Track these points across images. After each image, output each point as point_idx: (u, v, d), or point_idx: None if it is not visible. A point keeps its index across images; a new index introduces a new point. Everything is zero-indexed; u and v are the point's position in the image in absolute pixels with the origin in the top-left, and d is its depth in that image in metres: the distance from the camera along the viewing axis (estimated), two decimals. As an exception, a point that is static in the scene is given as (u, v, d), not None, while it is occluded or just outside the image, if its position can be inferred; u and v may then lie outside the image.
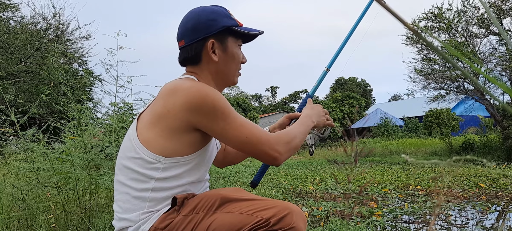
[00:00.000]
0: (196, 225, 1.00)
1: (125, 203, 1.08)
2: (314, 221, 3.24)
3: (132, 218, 1.06)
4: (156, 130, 1.05)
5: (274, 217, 0.95)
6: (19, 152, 2.87)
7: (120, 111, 2.85)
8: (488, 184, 5.13)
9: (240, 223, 0.96)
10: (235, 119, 1.04)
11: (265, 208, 0.97)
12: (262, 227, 0.95)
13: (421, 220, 3.18)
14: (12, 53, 11.01)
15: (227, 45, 1.17)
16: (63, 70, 2.54)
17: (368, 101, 39.79)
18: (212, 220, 0.99)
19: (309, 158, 16.22)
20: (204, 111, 1.01)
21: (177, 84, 1.06)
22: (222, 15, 1.16)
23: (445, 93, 13.70)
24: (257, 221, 0.95)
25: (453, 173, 5.66)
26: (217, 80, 1.20)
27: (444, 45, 0.38)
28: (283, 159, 1.07)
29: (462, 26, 12.21)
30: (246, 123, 1.06)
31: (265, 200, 1.01)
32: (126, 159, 1.09)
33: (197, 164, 1.11)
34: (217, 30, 1.13)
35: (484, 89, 0.57)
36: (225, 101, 1.06)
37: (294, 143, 1.11)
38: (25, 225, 2.36)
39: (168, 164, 1.05)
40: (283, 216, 0.95)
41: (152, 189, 1.05)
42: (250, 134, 1.04)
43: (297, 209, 1.00)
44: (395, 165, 10.10)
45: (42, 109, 10.90)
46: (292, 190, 5.37)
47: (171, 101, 1.04)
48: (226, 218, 0.98)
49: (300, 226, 0.98)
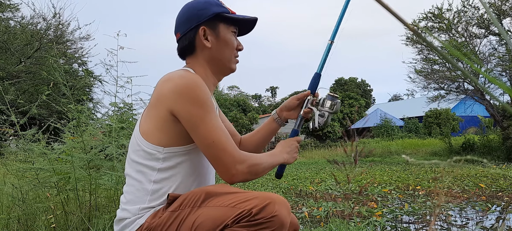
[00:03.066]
0: (182, 220, 1.02)
1: (130, 194, 1.12)
2: (314, 221, 3.24)
3: (132, 210, 1.09)
4: (152, 121, 1.11)
5: (256, 207, 0.96)
6: (19, 152, 2.87)
7: (120, 112, 2.85)
8: (488, 184, 5.13)
9: (223, 216, 0.97)
10: (212, 119, 1.06)
11: (247, 200, 0.98)
12: (244, 218, 0.96)
13: (421, 221, 3.18)
14: (12, 54, 11.01)
15: (219, 31, 1.20)
16: (62, 70, 2.54)
17: (368, 101, 39.79)
18: (198, 215, 1.00)
19: (309, 158, 16.22)
20: (186, 98, 1.04)
21: (170, 75, 1.12)
22: (213, 4, 1.20)
23: (445, 93, 13.70)
24: (239, 213, 0.96)
25: (453, 173, 5.66)
26: (213, 68, 1.23)
27: (444, 45, 0.38)
28: (239, 179, 1.06)
29: (462, 26, 12.21)
30: (220, 129, 1.06)
31: (247, 192, 1.02)
32: (132, 152, 1.14)
33: (197, 155, 1.13)
34: (207, 17, 1.18)
35: (484, 89, 0.57)
36: (210, 100, 1.08)
37: (258, 168, 1.12)
38: (25, 225, 2.36)
39: (167, 154, 1.09)
40: (265, 206, 0.96)
41: (154, 181, 1.09)
42: (218, 140, 1.05)
43: (279, 198, 1.00)
44: (395, 165, 10.10)
45: (42, 109, 10.90)
46: (292, 190, 5.37)
47: (161, 90, 1.09)
48: (211, 212, 0.99)
49: (283, 213, 0.98)
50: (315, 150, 20.13)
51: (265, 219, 0.95)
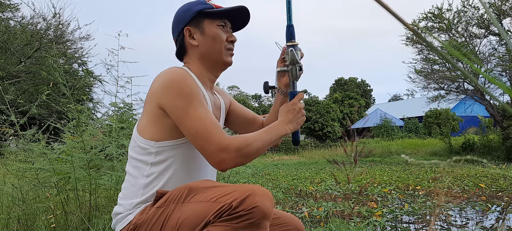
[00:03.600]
0: (167, 217, 1.03)
1: (125, 189, 1.16)
2: (314, 221, 3.24)
3: (125, 205, 1.13)
4: (145, 117, 1.15)
5: (236, 200, 0.95)
6: (19, 152, 2.87)
7: (120, 112, 2.85)
8: (488, 184, 5.13)
9: (206, 211, 0.97)
10: (196, 109, 1.06)
11: (227, 193, 0.98)
12: (225, 211, 0.95)
13: (421, 221, 3.18)
14: (12, 54, 11.01)
15: (204, 28, 1.22)
16: (62, 70, 2.54)
17: (368, 101, 39.79)
18: (181, 212, 1.01)
19: (309, 158, 16.22)
20: (171, 91, 1.07)
21: (161, 72, 1.15)
22: (196, 3, 1.23)
23: (445, 93, 13.70)
24: (220, 207, 0.96)
25: (453, 173, 5.66)
26: (206, 64, 1.24)
27: (444, 46, 0.38)
28: (229, 165, 1.03)
29: (462, 26, 12.21)
30: (205, 117, 1.06)
31: (229, 186, 1.01)
32: (130, 149, 1.19)
33: (189, 149, 1.14)
34: (190, 17, 1.21)
35: (484, 89, 0.57)
36: (195, 91, 1.09)
37: (248, 150, 1.06)
38: (25, 225, 2.36)
39: (159, 148, 1.12)
40: (245, 198, 0.95)
41: (147, 175, 1.12)
42: (202, 129, 1.04)
43: (260, 189, 0.99)
44: (395, 165, 10.10)
45: (42, 109, 10.90)
46: (292, 190, 5.37)
47: (152, 87, 1.14)
48: (194, 208, 1.00)
49: (265, 204, 0.96)
50: (315, 150, 20.14)
51: (246, 211, 0.94)
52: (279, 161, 14.60)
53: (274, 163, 13.02)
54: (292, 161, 14.34)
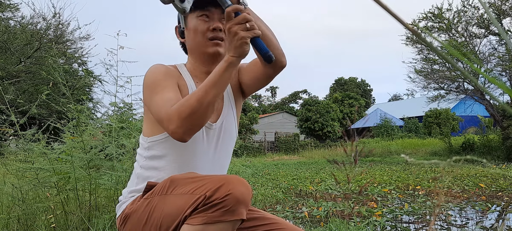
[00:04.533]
0: (152, 208, 1.05)
1: (129, 179, 1.27)
2: (314, 221, 3.24)
3: (124, 193, 1.21)
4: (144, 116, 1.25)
5: (210, 190, 0.95)
6: (19, 152, 2.87)
7: (120, 112, 2.85)
8: (488, 184, 5.13)
9: (185, 204, 0.98)
10: (157, 95, 1.09)
11: (203, 185, 0.98)
12: (201, 202, 0.96)
13: (421, 220, 3.18)
14: (12, 53, 11.02)
15: (187, 23, 1.24)
16: (62, 70, 2.54)
17: (368, 101, 39.82)
18: (164, 204, 1.03)
19: (309, 158, 16.22)
20: (143, 87, 1.16)
21: None
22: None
23: (445, 93, 13.70)
24: (196, 199, 0.96)
25: (453, 173, 5.66)
26: (194, 57, 1.27)
27: (444, 46, 0.38)
28: (181, 132, 0.99)
29: (462, 26, 12.21)
30: (160, 100, 1.07)
31: (207, 177, 1.01)
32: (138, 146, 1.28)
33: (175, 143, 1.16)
34: (178, 19, 1.28)
35: (484, 89, 0.57)
36: (160, 77, 1.13)
37: (188, 104, 0.99)
38: (25, 225, 2.36)
39: (150, 143, 1.19)
40: (218, 187, 0.95)
41: (141, 166, 1.20)
42: (157, 113, 1.08)
43: (235, 177, 0.98)
44: (395, 165, 10.10)
45: (42, 109, 10.90)
46: (292, 190, 5.37)
47: None
48: (176, 200, 1.01)
49: (238, 190, 0.95)
50: (315, 150, 20.14)
51: (219, 199, 0.94)
52: (279, 161, 14.60)
53: (274, 163, 13.02)
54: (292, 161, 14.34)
